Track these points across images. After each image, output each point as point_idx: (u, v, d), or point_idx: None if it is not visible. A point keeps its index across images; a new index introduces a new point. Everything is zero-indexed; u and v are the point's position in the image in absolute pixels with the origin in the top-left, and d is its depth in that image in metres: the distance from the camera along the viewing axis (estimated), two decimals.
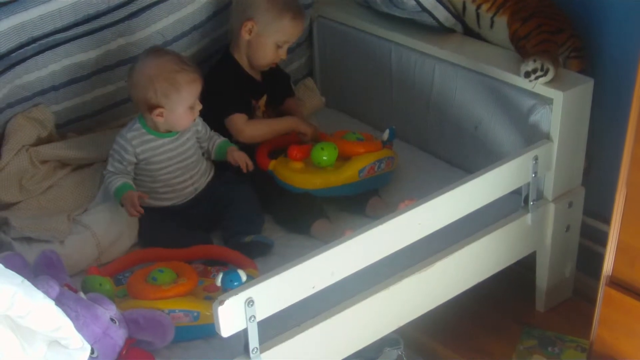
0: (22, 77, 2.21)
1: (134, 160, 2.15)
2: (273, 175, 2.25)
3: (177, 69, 2.11)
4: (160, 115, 2.11)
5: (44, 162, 2.27)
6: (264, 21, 2.32)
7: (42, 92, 2.27)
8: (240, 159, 2.24)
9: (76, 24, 2.23)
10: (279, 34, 2.34)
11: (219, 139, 2.29)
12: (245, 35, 2.34)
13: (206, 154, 2.29)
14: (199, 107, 2.17)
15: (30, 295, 1.30)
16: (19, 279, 1.31)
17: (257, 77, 2.44)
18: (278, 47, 2.36)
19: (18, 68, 2.18)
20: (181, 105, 2.12)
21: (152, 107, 2.11)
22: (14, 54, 2.16)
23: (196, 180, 2.23)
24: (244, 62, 2.40)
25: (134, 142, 2.14)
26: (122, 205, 2.10)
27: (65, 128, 2.37)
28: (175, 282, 1.88)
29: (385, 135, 2.33)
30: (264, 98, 2.46)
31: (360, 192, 2.26)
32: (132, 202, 2.07)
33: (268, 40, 2.34)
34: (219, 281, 1.77)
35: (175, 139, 2.18)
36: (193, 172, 2.22)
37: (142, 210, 2.08)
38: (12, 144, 2.21)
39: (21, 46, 2.16)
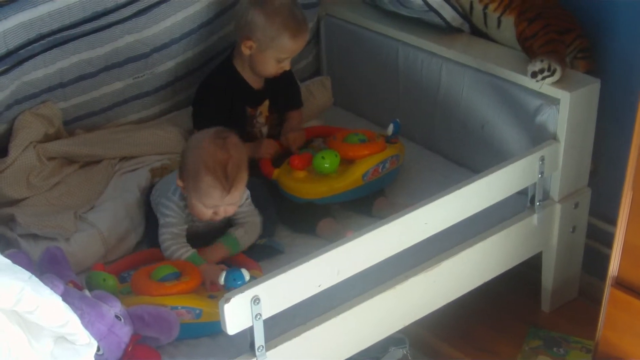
0: (30, 74, 2.21)
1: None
2: (277, 186, 2.24)
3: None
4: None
5: (51, 158, 2.27)
6: (263, 40, 2.27)
7: (50, 89, 2.28)
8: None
9: (84, 21, 2.24)
10: (279, 52, 2.29)
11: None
12: (245, 51, 2.30)
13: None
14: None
15: (37, 291, 1.30)
16: (26, 274, 1.31)
17: (258, 85, 2.39)
18: (279, 61, 2.32)
19: (26, 65, 2.19)
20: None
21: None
22: (22, 51, 2.16)
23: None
24: (245, 71, 2.36)
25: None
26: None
27: (72, 125, 2.37)
28: (179, 280, 1.88)
29: (390, 129, 2.31)
30: (266, 104, 2.42)
31: (367, 194, 2.25)
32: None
33: (268, 56, 2.29)
34: (222, 279, 1.77)
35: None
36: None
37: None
38: (20, 141, 2.21)
39: (29, 43, 2.17)
